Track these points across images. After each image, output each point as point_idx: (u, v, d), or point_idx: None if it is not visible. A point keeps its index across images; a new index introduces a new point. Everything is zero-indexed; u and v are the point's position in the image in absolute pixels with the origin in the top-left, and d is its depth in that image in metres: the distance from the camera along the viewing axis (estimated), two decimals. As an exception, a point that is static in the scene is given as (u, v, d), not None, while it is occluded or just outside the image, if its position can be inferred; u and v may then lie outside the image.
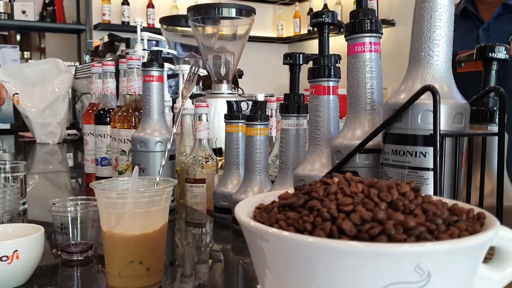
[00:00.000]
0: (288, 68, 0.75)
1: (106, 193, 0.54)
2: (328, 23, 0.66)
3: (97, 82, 1.27)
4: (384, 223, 0.30)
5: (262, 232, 0.31)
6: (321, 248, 0.28)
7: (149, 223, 0.54)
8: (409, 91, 0.49)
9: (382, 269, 0.27)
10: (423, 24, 0.50)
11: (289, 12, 4.92)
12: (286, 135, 0.75)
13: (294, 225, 0.32)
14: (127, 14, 4.26)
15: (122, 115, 1.09)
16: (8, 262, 0.54)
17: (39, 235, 0.58)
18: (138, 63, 1.09)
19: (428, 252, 0.27)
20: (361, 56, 0.58)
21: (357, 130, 0.58)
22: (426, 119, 0.48)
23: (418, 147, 0.49)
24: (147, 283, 0.55)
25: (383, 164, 0.52)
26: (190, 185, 1.09)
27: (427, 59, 0.50)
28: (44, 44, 4.95)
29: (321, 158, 0.65)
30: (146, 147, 0.97)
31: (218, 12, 1.46)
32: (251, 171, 0.85)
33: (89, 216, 0.67)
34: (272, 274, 0.33)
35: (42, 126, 2.46)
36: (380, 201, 0.32)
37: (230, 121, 0.91)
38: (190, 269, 0.71)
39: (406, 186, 0.34)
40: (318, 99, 0.65)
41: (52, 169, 1.80)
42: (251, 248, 0.34)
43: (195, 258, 0.78)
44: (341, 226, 0.30)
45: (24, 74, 2.61)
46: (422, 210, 0.32)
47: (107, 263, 0.56)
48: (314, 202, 0.33)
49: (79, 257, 0.67)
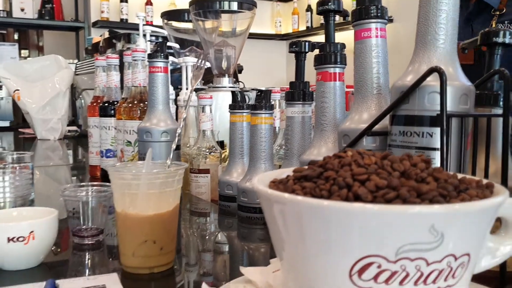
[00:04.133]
0: (294, 55, 0.76)
1: (121, 174, 0.55)
2: (334, 10, 0.68)
3: (101, 75, 1.28)
4: (399, 189, 0.31)
5: (279, 198, 0.33)
6: (338, 211, 0.30)
7: (163, 204, 0.56)
8: (416, 73, 0.50)
9: (398, 230, 0.29)
10: (429, 8, 0.51)
11: (287, 9, 4.94)
12: (292, 123, 0.76)
13: (311, 193, 0.33)
14: (125, 12, 4.27)
15: (128, 106, 1.10)
16: (25, 243, 0.56)
17: (54, 217, 0.60)
18: (143, 55, 1.10)
19: (442, 214, 0.28)
20: (367, 42, 0.59)
21: (364, 114, 0.59)
22: (432, 100, 0.49)
23: (425, 128, 0.50)
24: (160, 262, 0.57)
25: (390, 145, 0.54)
26: (194, 175, 1.11)
27: (433, 42, 0.51)
28: (42, 42, 4.96)
29: (327, 143, 0.67)
30: (152, 137, 0.98)
31: (220, 6, 1.47)
32: (256, 160, 0.86)
33: (100, 202, 0.69)
34: (290, 242, 0.34)
35: (43, 122, 2.46)
36: (393, 171, 0.34)
37: (235, 111, 0.93)
38: (195, 257, 0.72)
39: (417, 158, 0.36)
40: (325, 85, 0.67)
41: (54, 164, 1.81)
42: (268, 219, 0.36)
43: (200, 246, 0.79)
44: (357, 192, 0.31)
45: (24, 70, 2.61)
46: (434, 178, 0.33)
47: (120, 243, 0.57)
48: (330, 173, 0.34)
49: (90, 241, 0.68)
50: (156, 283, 0.56)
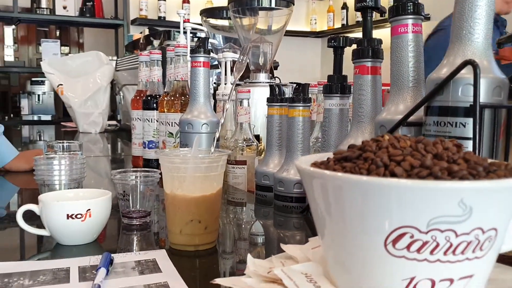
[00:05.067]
0: (333, 50, 0.79)
1: (171, 158, 0.60)
2: (372, 7, 0.71)
3: (144, 70, 1.34)
4: (431, 168, 0.34)
5: (322, 175, 0.36)
6: (375, 185, 0.33)
7: (207, 186, 0.60)
8: (451, 66, 0.53)
9: (429, 203, 0.32)
10: (465, 3, 0.53)
11: (323, 7, 4.94)
12: (329, 115, 0.79)
13: (351, 171, 0.36)
14: (163, 9, 4.37)
15: (170, 100, 1.15)
16: (82, 220, 0.61)
17: (108, 197, 0.65)
18: (185, 51, 1.15)
19: (471, 188, 0.31)
20: (404, 37, 0.62)
21: (400, 105, 0.62)
22: (466, 91, 0.52)
23: (458, 118, 0.53)
24: (205, 241, 0.61)
25: (424, 135, 0.56)
26: (231, 166, 1.15)
27: (468, 36, 0.53)
28: (83, 39, 5.11)
29: (364, 134, 0.70)
30: (194, 129, 1.03)
31: (258, 3, 1.50)
32: (292, 151, 0.89)
33: (147, 186, 0.74)
34: (331, 218, 0.37)
35: (85, 116, 2.56)
36: (427, 153, 0.37)
37: (273, 104, 0.96)
38: (231, 245, 0.76)
39: (449, 143, 0.38)
40: (362, 78, 0.70)
41: (96, 155, 1.88)
42: (310, 197, 0.39)
43: (236, 235, 0.82)
44: (394, 171, 0.34)
45: (67, 66, 2.71)
46: (464, 160, 0.36)
47: (169, 222, 0.62)
48: (368, 154, 0.37)
49: (138, 222, 0.73)
50: (201, 260, 0.61)
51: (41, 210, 0.62)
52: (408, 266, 0.33)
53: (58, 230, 0.62)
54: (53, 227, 0.62)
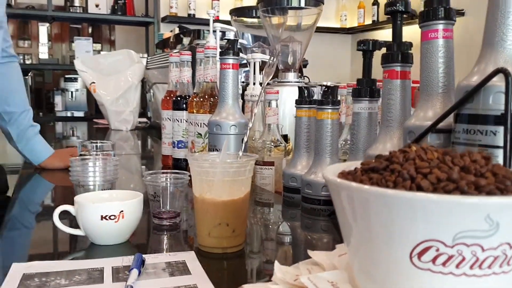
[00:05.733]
0: (362, 53, 0.79)
1: (200, 163, 0.61)
2: (402, 11, 0.70)
3: (174, 71, 1.36)
4: (458, 182, 0.34)
5: (348, 187, 0.37)
6: (401, 199, 0.33)
7: (235, 190, 0.61)
8: (482, 74, 0.52)
9: (455, 218, 0.32)
10: (497, 10, 0.53)
11: (353, 3, 4.89)
12: (358, 118, 0.79)
13: (378, 183, 0.37)
14: (193, 7, 4.41)
15: (199, 101, 1.17)
16: (115, 221, 0.63)
17: (140, 199, 0.67)
18: (214, 52, 1.17)
19: (498, 204, 0.31)
20: (434, 42, 0.62)
21: (429, 112, 0.61)
22: (497, 100, 0.51)
23: (489, 126, 0.52)
24: (232, 244, 0.62)
25: (454, 142, 0.56)
26: (259, 167, 1.16)
27: (501, 43, 0.53)
28: (114, 36, 5.20)
29: (393, 139, 0.70)
30: (222, 130, 1.04)
31: (288, 3, 1.51)
32: (321, 154, 0.89)
33: (177, 187, 0.75)
34: (357, 228, 0.38)
35: (116, 113, 2.61)
36: (454, 166, 0.37)
37: (301, 106, 0.97)
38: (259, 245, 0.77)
39: (477, 155, 0.38)
40: (391, 83, 0.69)
41: (127, 153, 1.92)
42: (337, 206, 0.40)
43: (263, 235, 0.83)
44: (420, 184, 0.35)
45: (99, 64, 2.77)
46: (492, 173, 0.36)
47: (198, 224, 0.63)
48: (395, 166, 0.38)
49: (168, 222, 0.75)
50: (229, 262, 0.62)
51: (77, 211, 0.65)
52: (433, 279, 0.33)
53: (92, 231, 0.64)
54: (88, 228, 0.64)
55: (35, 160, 1.30)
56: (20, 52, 4.87)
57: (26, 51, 4.96)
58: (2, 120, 1.29)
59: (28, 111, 1.31)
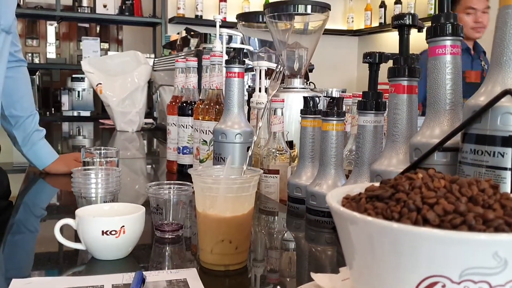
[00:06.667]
0: (368, 66, 0.78)
1: (203, 178, 0.60)
2: (409, 25, 0.69)
3: (180, 76, 1.35)
4: (465, 214, 0.33)
5: (352, 217, 0.36)
6: (407, 233, 0.32)
7: (239, 207, 0.60)
8: (490, 94, 0.51)
9: (462, 255, 0.31)
10: (505, 29, 0.52)
11: (360, 5, 4.87)
12: (363, 131, 0.78)
13: (383, 214, 0.36)
14: (200, 8, 4.40)
15: (205, 108, 1.16)
16: (116, 236, 0.63)
17: (141, 213, 0.66)
18: (220, 60, 1.16)
19: (506, 241, 0.30)
20: (441, 58, 0.61)
21: (436, 129, 0.60)
22: (505, 121, 0.50)
23: (496, 148, 0.51)
24: (235, 261, 0.62)
25: (461, 162, 0.55)
26: (264, 175, 1.15)
27: (508, 63, 0.52)
28: (121, 36, 5.21)
29: (398, 155, 0.69)
30: (227, 139, 1.04)
31: (294, 9, 1.50)
32: (325, 165, 0.89)
33: (180, 199, 0.75)
34: (359, 256, 0.37)
35: (122, 114, 2.61)
36: (461, 196, 0.36)
37: (306, 116, 0.96)
38: (264, 255, 0.76)
39: (485, 183, 0.37)
40: (397, 97, 0.68)
41: (132, 155, 1.92)
42: (340, 232, 0.39)
43: (268, 244, 0.83)
44: (426, 216, 0.34)
45: (106, 65, 2.77)
46: (501, 205, 0.35)
47: (200, 240, 0.63)
48: (401, 195, 0.37)
49: (171, 235, 0.74)
50: (231, 280, 0.61)
51: (78, 225, 0.64)
52: (439, 316, 0.32)
53: (93, 245, 0.64)
54: (89, 242, 0.64)
55: (40, 164, 1.30)
56: (28, 51, 4.89)
57: (34, 50, 4.98)
58: (8, 124, 1.29)
59: (34, 116, 1.31)
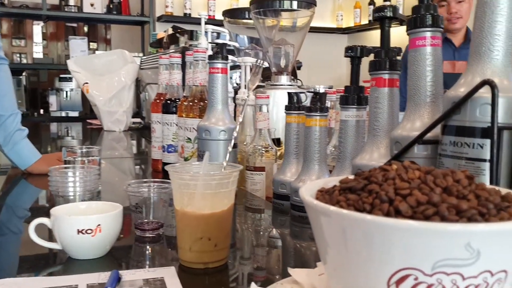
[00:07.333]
0: (349, 60, 0.77)
1: (180, 175, 0.59)
2: (390, 17, 0.68)
3: (164, 73, 1.34)
4: (438, 205, 0.32)
5: (324, 210, 0.35)
6: (379, 225, 0.31)
7: (218, 203, 0.59)
8: (469, 85, 0.51)
9: (434, 246, 0.30)
10: (484, 19, 0.51)
11: (349, 2, 4.87)
12: (346, 126, 0.77)
13: (354, 205, 0.35)
14: (189, 6, 4.38)
15: (188, 105, 1.15)
16: (92, 235, 0.61)
17: (119, 212, 0.65)
18: (204, 56, 1.15)
19: (478, 232, 0.30)
20: (422, 50, 0.60)
21: (416, 122, 0.60)
22: (484, 112, 0.50)
23: (475, 139, 0.50)
24: (214, 258, 0.61)
25: (441, 154, 0.54)
26: (250, 172, 1.14)
27: (488, 53, 0.51)
28: (110, 35, 5.18)
29: (380, 149, 0.68)
30: (211, 136, 1.02)
31: (280, 5, 1.49)
32: (309, 161, 0.88)
33: (161, 197, 0.73)
34: (333, 250, 0.36)
35: (109, 114, 2.59)
36: (436, 186, 0.35)
37: (290, 112, 0.95)
38: (249, 251, 0.75)
39: (460, 174, 0.37)
40: (378, 91, 0.68)
41: (119, 154, 1.90)
42: (314, 226, 0.38)
43: (254, 241, 0.82)
44: (398, 207, 0.33)
45: (93, 64, 2.74)
46: (475, 195, 0.34)
47: (179, 238, 0.62)
48: (373, 186, 0.36)
49: (151, 234, 0.73)
50: (210, 278, 0.60)
51: (53, 224, 0.63)
52: (411, 309, 0.32)
53: (69, 245, 0.62)
54: (64, 242, 0.62)
55: (22, 164, 1.28)
56: (15, 51, 4.84)
57: (21, 50, 4.93)
58: None
59: (16, 115, 1.29)
